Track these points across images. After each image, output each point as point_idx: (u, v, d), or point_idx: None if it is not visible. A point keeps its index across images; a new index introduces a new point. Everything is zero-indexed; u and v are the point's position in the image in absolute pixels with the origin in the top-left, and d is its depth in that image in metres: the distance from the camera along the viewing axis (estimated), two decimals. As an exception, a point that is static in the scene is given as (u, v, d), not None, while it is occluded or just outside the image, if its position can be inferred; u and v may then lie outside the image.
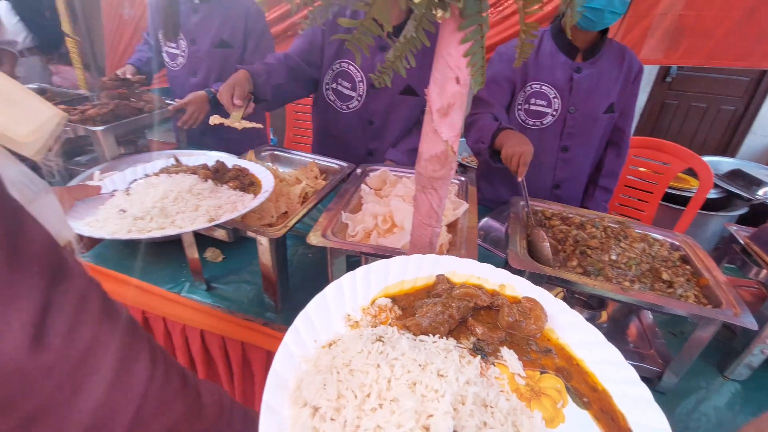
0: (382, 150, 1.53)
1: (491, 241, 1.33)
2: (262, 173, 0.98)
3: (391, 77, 0.56)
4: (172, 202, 0.79)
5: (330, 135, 1.61)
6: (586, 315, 1.01)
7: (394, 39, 0.52)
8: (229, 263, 1.13)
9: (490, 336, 0.53)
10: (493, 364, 0.50)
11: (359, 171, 1.17)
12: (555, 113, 1.40)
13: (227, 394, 0.48)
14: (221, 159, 0.98)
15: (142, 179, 0.90)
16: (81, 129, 1.21)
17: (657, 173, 1.88)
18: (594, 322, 1.02)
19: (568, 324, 0.57)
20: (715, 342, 0.81)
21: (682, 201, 2.12)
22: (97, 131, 1.20)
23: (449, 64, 0.49)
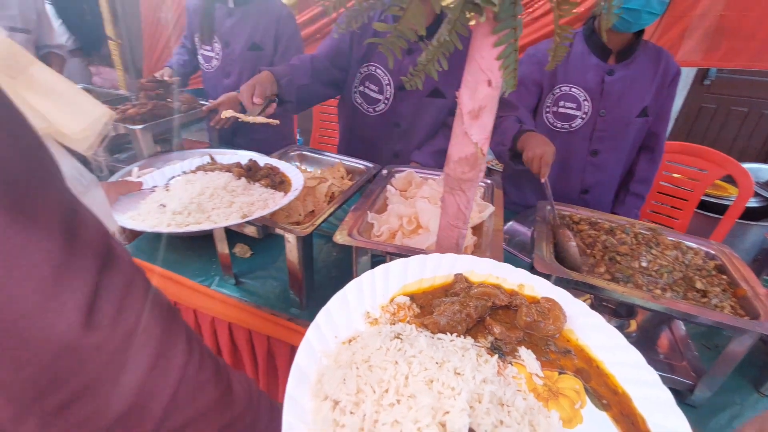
0: (408, 152, 1.54)
1: (516, 245, 1.31)
2: (292, 172, 1.01)
3: (423, 80, 0.57)
4: (208, 198, 0.83)
5: (356, 137, 1.63)
6: (614, 323, 0.99)
7: (426, 42, 0.53)
8: (257, 259, 1.17)
9: (507, 335, 0.53)
10: (511, 363, 0.50)
11: (385, 172, 1.18)
12: (585, 116, 1.37)
13: (255, 384, 0.49)
14: (254, 158, 1.02)
15: (180, 176, 0.94)
16: (121, 127, 1.28)
17: (693, 180, 1.81)
18: (622, 331, 0.99)
19: (588, 325, 0.56)
20: (751, 356, 0.77)
21: (718, 209, 2.03)
22: (136, 130, 1.26)
23: (481, 66, 0.50)
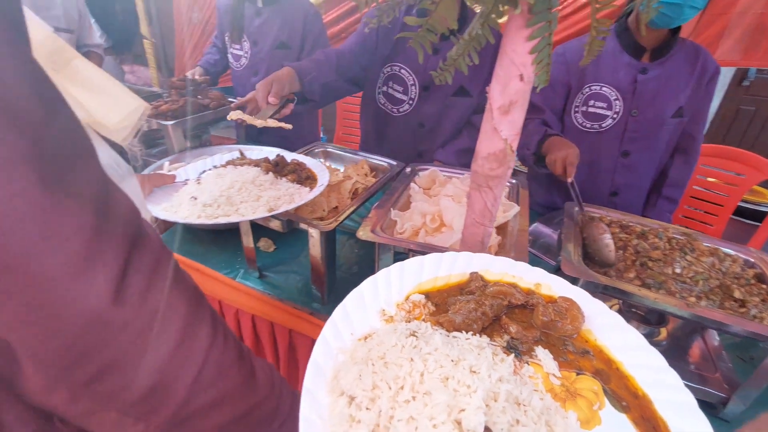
0: (431, 151, 1.53)
1: (540, 247, 1.29)
2: (318, 168, 1.02)
3: (453, 75, 0.56)
4: (237, 191, 0.85)
5: (379, 137, 1.62)
6: (643, 331, 0.95)
7: (457, 36, 0.53)
8: (280, 254, 1.18)
9: (524, 335, 0.52)
10: (527, 363, 0.49)
11: (408, 170, 1.17)
12: (615, 116, 1.33)
13: (278, 372, 0.50)
14: (281, 153, 1.03)
15: (211, 170, 0.97)
16: (154, 123, 1.33)
17: (729, 184, 1.73)
18: (652, 339, 0.96)
19: (606, 326, 0.54)
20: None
21: (757, 216, 1.94)
22: (168, 125, 1.30)
23: (514, 61, 0.49)
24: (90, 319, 0.30)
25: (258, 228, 1.01)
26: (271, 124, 1.07)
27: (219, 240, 1.21)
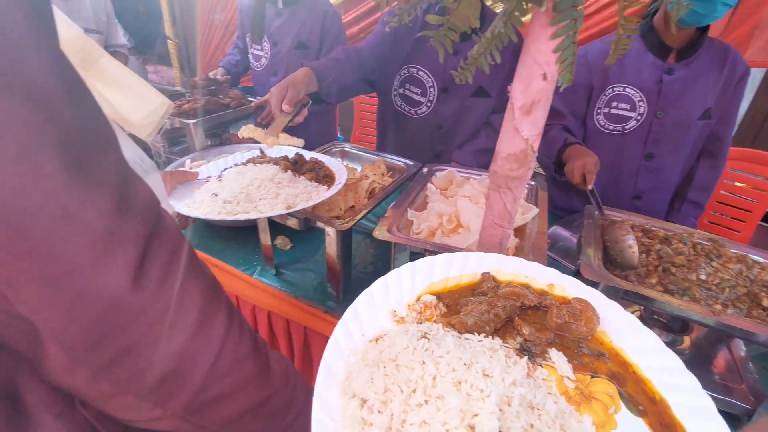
0: (449, 152, 1.52)
1: (559, 251, 1.27)
2: (336, 166, 1.02)
3: (473, 74, 0.56)
4: (256, 189, 0.86)
5: (396, 139, 1.62)
6: (665, 339, 0.93)
7: (479, 34, 0.52)
8: (297, 251, 1.19)
9: (537, 337, 0.51)
10: (541, 365, 0.48)
11: (425, 170, 1.17)
12: (639, 118, 1.30)
13: (293, 365, 0.50)
14: (300, 152, 1.04)
15: (232, 168, 0.99)
16: (177, 121, 1.36)
17: (758, 190, 1.67)
18: (674, 347, 0.93)
19: (622, 328, 0.53)
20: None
21: (788, 223, 1.86)
22: (190, 124, 1.33)
23: (537, 60, 0.48)
24: (110, 302, 0.30)
25: (275, 226, 1.02)
26: (283, 142, 1.03)
27: (238, 237, 1.23)
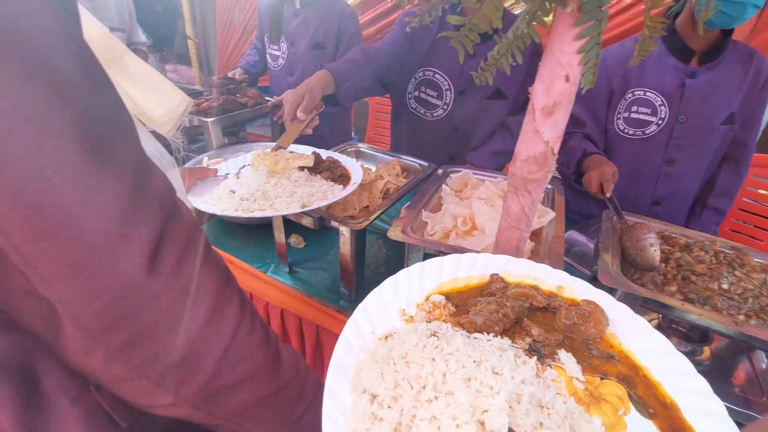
0: (463, 154, 1.51)
1: (574, 256, 1.25)
2: (352, 166, 1.03)
3: (494, 75, 0.55)
4: (272, 187, 0.87)
5: (410, 141, 1.61)
6: (685, 349, 0.91)
7: (501, 35, 0.52)
8: (310, 250, 1.20)
9: (546, 338, 0.51)
10: (550, 366, 0.48)
11: (440, 172, 1.17)
12: (660, 122, 1.27)
13: (303, 359, 0.51)
14: (317, 151, 1.05)
15: (250, 165, 1.00)
16: (196, 119, 1.38)
17: (783, 198, 1.62)
18: (694, 357, 0.91)
19: (631, 330, 0.52)
20: None
21: (814, 233, 1.80)
22: (209, 122, 1.36)
23: (560, 60, 0.47)
24: (126, 285, 0.31)
25: (290, 224, 1.03)
26: (293, 164, 0.96)
27: (253, 234, 1.24)
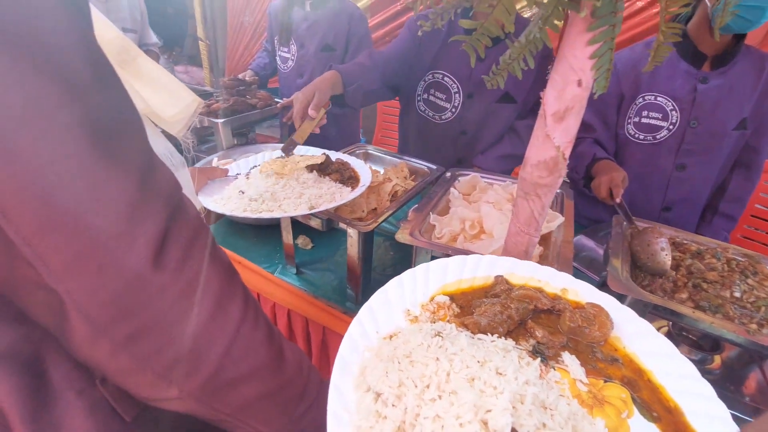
0: (471, 157, 1.51)
1: (582, 261, 1.24)
2: (361, 168, 1.03)
3: (505, 79, 0.55)
4: (281, 188, 0.87)
5: (418, 143, 1.61)
6: (695, 357, 0.89)
7: (513, 39, 0.52)
8: (317, 252, 1.20)
9: (550, 340, 0.51)
10: (554, 368, 0.48)
11: (449, 175, 1.16)
12: (672, 127, 1.26)
13: (307, 358, 0.51)
14: (326, 153, 1.05)
15: (260, 166, 1.01)
16: (206, 120, 1.39)
17: (797, 205, 1.60)
18: (704, 366, 0.89)
19: (636, 333, 0.52)
20: None
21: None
22: (219, 123, 1.37)
23: (573, 65, 0.47)
24: (131, 278, 0.32)
25: (297, 225, 1.03)
26: (302, 165, 0.95)
27: (261, 235, 1.25)
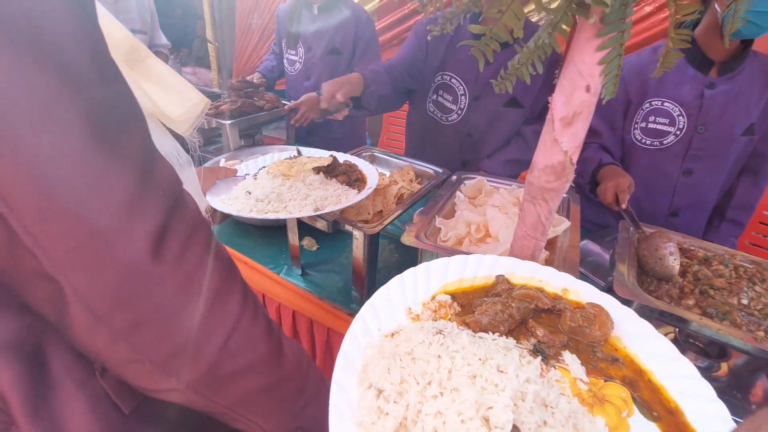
0: (476, 161, 1.51)
1: (588, 266, 1.23)
2: (369, 170, 1.03)
3: (513, 83, 0.56)
4: (287, 189, 0.88)
5: (424, 145, 1.62)
6: (701, 364, 0.89)
7: (522, 44, 0.52)
8: (322, 253, 1.21)
9: (551, 339, 0.52)
10: (554, 366, 0.48)
11: (454, 178, 1.17)
12: (679, 132, 1.26)
13: (307, 354, 0.51)
14: (334, 155, 1.06)
15: (268, 167, 1.01)
16: (213, 121, 1.41)
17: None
18: (710, 373, 0.89)
19: (636, 333, 0.53)
20: None
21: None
22: (226, 124, 1.38)
23: (581, 71, 0.47)
24: (130, 268, 0.32)
25: (303, 226, 1.04)
26: (308, 166, 0.97)
27: (267, 236, 1.25)
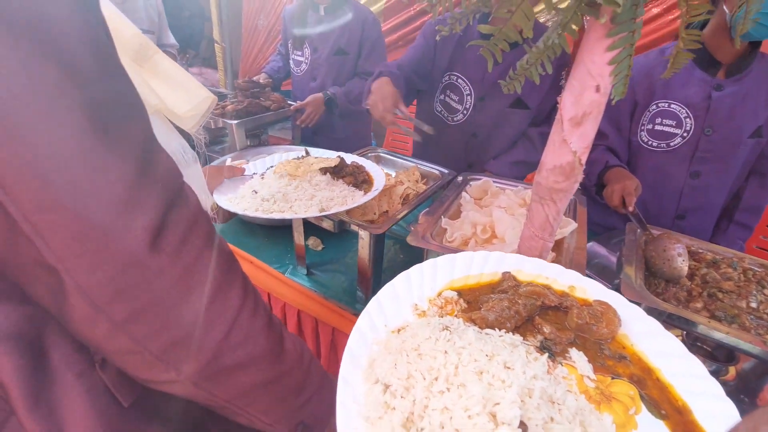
0: (482, 162, 1.51)
1: (594, 268, 1.23)
2: (376, 172, 1.03)
3: (522, 84, 0.56)
4: (293, 189, 0.88)
5: (431, 145, 1.62)
6: (709, 367, 0.88)
7: (531, 44, 0.52)
8: (328, 253, 1.21)
9: (558, 336, 0.51)
10: (561, 363, 0.48)
11: (460, 179, 1.17)
12: (686, 134, 1.25)
13: (309, 349, 0.51)
14: (341, 155, 1.06)
15: (275, 166, 1.02)
16: (220, 121, 1.41)
17: (815, 215, 1.56)
18: (718, 377, 0.88)
19: (644, 331, 0.52)
20: None
21: None
22: (233, 124, 1.39)
23: (591, 71, 0.47)
24: (128, 259, 0.32)
25: (309, 226, 1.04)
26: (315, 167, 0.97)
27: (272, 235, 1.26)
